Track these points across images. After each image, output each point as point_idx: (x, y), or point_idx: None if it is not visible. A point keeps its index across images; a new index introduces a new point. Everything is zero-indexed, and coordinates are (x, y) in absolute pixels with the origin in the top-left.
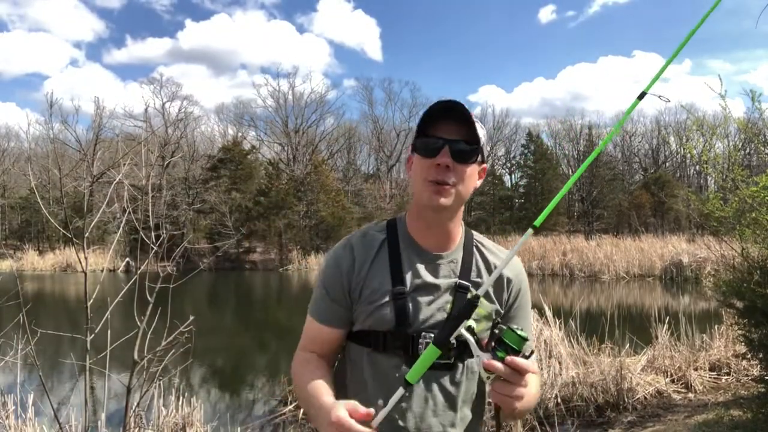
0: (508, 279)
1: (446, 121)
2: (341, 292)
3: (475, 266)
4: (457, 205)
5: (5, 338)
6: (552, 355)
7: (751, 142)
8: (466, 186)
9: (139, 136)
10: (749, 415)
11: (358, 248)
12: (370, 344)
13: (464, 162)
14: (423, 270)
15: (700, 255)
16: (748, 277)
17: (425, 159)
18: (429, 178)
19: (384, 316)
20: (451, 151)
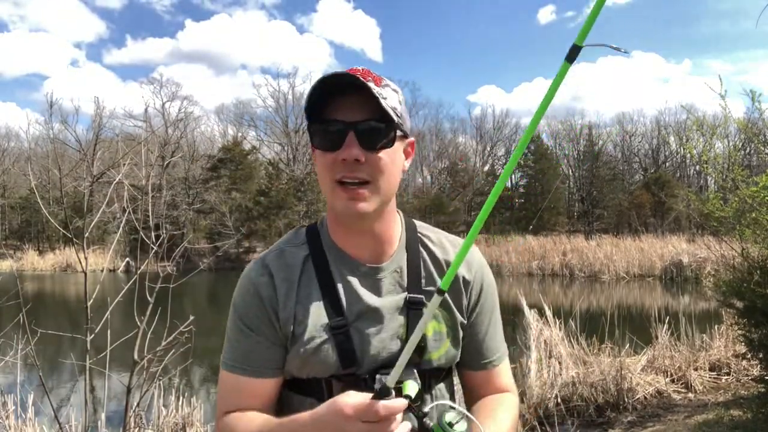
0: (465, 280)
1: (344, 98)
2: (269, 326)
3: (425, 269)
4: (383, 203)
5: (5, 338)
6: (552, 355)
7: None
8: (389, 177)
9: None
10: (749, 415)
11: (277, 272)
12: (312, 393)
13: (378, 147)
14: (362, 290)
15: (700, 255)
16: (748, 277)
17: (327, 153)
18: (336, 178)
19: (324, 359)
20: (357, 136)
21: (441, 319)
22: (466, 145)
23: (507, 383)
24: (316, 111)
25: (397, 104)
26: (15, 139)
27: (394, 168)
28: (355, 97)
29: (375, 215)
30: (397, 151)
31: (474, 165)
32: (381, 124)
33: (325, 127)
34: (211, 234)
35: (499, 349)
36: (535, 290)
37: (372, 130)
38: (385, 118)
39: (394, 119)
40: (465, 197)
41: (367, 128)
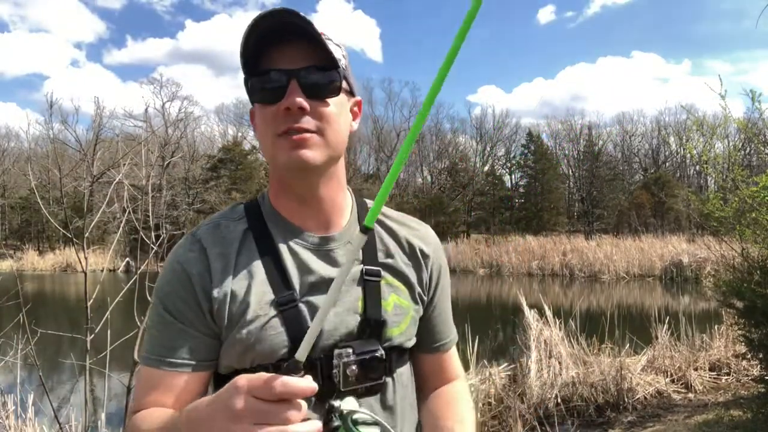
0: (424, 253)
1: (282, 46)
2: (197, 310)
3: (381, 243)
4: (331, 158)
5: (5, 338)
6: (552, 355)
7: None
8: (336, 128)
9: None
10: (749, 415)
11: (210, 246)
12: None
13: (324, 95)
14: (312, 261)
15: (700, 255)
16: (748, 277)
17: (268, 106)
18: (279, 131)
19: (272, 340)
20: (301, 85)
21: (402, 294)
22: (466, 145)
23: (457, 369)
24: (253, 62)
25: (341, 56)
26: (15, 139)
27: (341, 121)
28: (295, 44)
29: (322, 169)
30: (344, 103)
31: (474, 165)
32: (325, 72)
33: (265, 78)
34: None
35: (452, 332)
36: (535, 290)
37: (316, 77)
38: (330, 65)
39: (339, 66)
40: (465, 197)
41: (310, 75)
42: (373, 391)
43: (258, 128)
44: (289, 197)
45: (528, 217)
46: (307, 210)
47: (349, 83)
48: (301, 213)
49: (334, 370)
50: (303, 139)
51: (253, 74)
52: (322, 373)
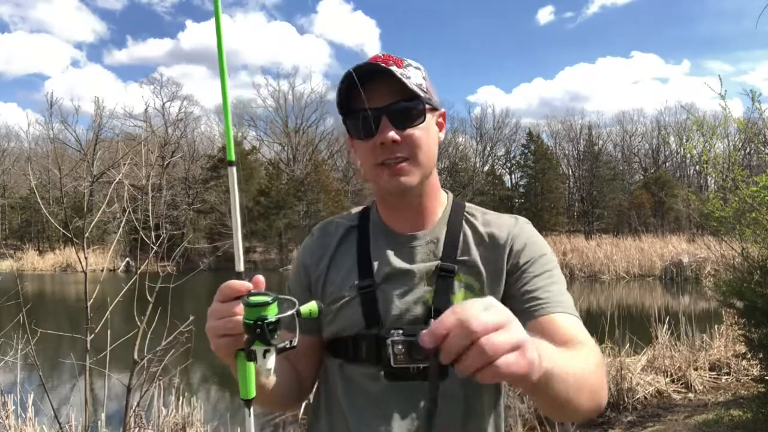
0: (499, 239)
1: (371, 84)
2: (302, 289)
3: (462, 242)
4: (424, 177)
5: (5, 338)
6: None
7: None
8: (427, 150)
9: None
10: (749, 415)
11: (318, 237)
12: (340, 354)
13: (412, 124)
14: (393, 256)
15: (700, 255)
16: (748, 277)
17: (365, 141)
18: (378, 162)
19: (351, 316)
20: (390, 119)
21: (473, 289)
22: (466, 145)
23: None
24: (347, 104)
25: (421, 80)
26: (15, 139)
27: (430, 140)
28: (382, 83)
29: (418, 188)
30: (429, 124)
31: (474, 165)
32: (409, 102)
33: (359, 116)
34: (211, 234)
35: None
36: None
37: (402, 110)
38: (413, 96)
39: (420, 95)
40: (465, 197)
41: (397, 109)
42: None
43: (359, 157)
44: (388, 207)
45: (528, 217)
46: (401, 215)
47: (431, 103)
48: (396, 217)
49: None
50: (400, 168)
51: (348, 114)
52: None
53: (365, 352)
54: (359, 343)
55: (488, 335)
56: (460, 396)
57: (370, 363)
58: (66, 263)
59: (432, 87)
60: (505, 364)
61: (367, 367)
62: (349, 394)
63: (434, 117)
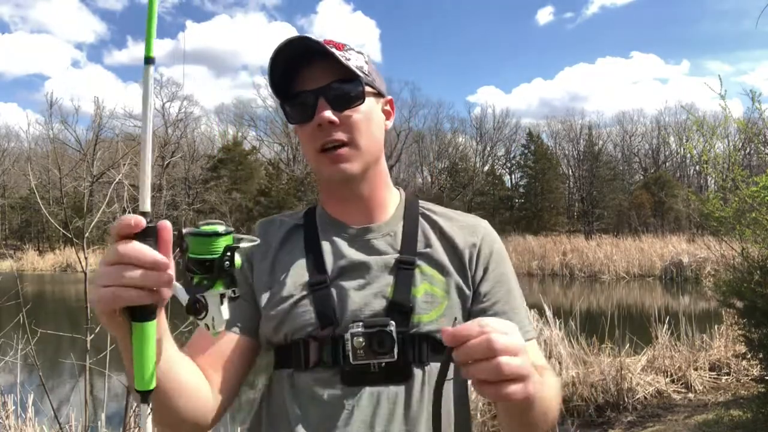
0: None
1: (307, 68)
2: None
3: (422, 235)
4: (367, 163)
5: (5, 338)
6: (552, 355)
7: (751, 142)
8: (368, 134)
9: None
10: (749, 415)
11: (260, 234)
12: (289, 362)
13: (350, 105)
14: (348, 249)
15: (700, 255)
16: (748, 277)
17: (304, 125)
18: (317, 147)
19: (301, 316)
20: (327, 100)
21: (436, 283)
22: (466, 145)
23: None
24: (280, 88)
25: (362, 63)
26: (15, 140)
27: (372, 125)
28: (318, 65)
29: (361, 176)
30: (372, 108)
31: (474, 165)
32: (348, 84)
33: (296, 101)
34: None
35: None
36: (535, 290)
37: (339, 91)
38: (351, 76)
39: (360, 76)
40: (465, 197)
41: (334, 90)
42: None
43: (302, 146)
44: (335, 199)
45: (528, 217)
46: (350, 207)
47: (375, 86)
48: (345, 210)
49: (346, 346)
50: (339, 154)
51: (286, 99)
52: (342, 353)
53: (318, 355)
54: (311, 347)
55: (508, 357)
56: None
57: (324, 367)
58: (66, 263)
59: (377, 73)
60: (512, 390)
61: (321, 372)
62: (299, 407)
63: (379, 103)
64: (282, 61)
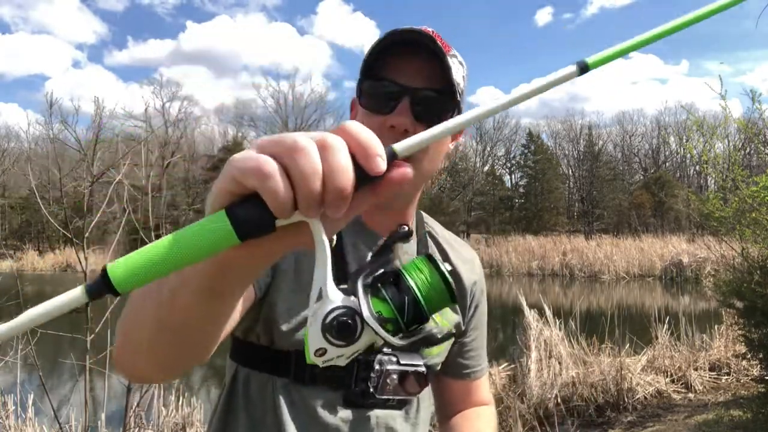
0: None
1: (408, 58)
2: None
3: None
4: (419, 187)
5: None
6: (552, 355)
7: (751, 142)
8: (434, 159)
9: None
10: (749, 415)
11: None
12: (287, 371)
13: (431, 121)
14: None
15: (700, 255)
16: (748, 277)
17: (374, 116)
18: None
19: None
20: (412, 104)
21: (446, 316)
22: (466, 145)
23: (486, 397)
24: (374, 68)
25: (461, 79)
26: (15, 140)
27: (441, 148)
28: (419, 61)
29: (410, 197)
30: None
31: (474, 165)
32: (441, 95)
33: (379, 85)
34: None
35: (484, 361)
36: (535, 290)
37: (430, 100)
38: (447, 89)
39: (456, 93)
40: (465, 197)
41: (424, 97)
42: (402, 404)
43: None
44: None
45: (528, 217)
46: (382, 218)
47: (460, 109)
48: (378, 219)
49: (373, 375)
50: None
51: (369, 77)
52: (357, 375)
53: (327, 374)
54: None
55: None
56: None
57: (328, 387)
58: (66, 263)
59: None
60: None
61: (325, 392)
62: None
63: None
64: (388, 43)
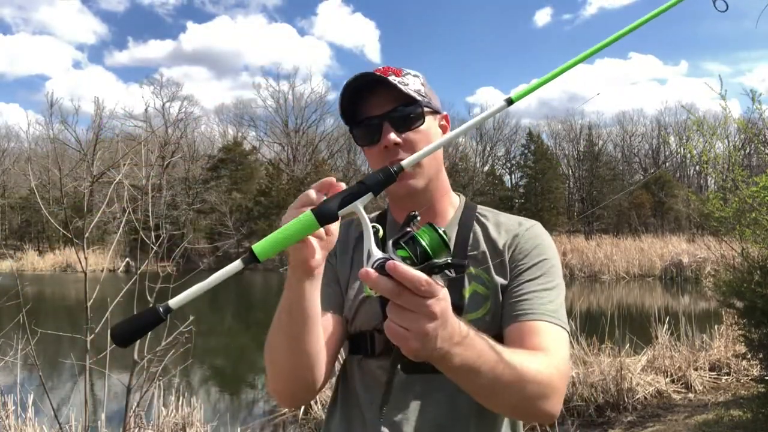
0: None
1: (372, 96)
2: (331, 271)
3: (473, 239)
4: (430, 179)
5: (5, 338)
6: None
7: (751, 142)
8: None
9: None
10: (749, 415)
11: (343, 230)
12: (360, 349)
13: (411, 126)
14: None
15: (700, 255)
16: (748, 277)
17: (371, 147)
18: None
19: (370, 310)
20: (391, 123)
21: (482, 281)
22: (466, 145)
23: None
24: (351, 114)
25: (419, 86)
26: (15, 140)
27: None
28: (382, 93)
29: (424, 189)
30: (430, 126)
31: (474, 165)
32: (408, 107)
33: (363, 126)
34: (211, 234)
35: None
36: None
37: (401, 115)
38: (410, 101)
39: (418, 99)
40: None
41: (396, 114)
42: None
43: (370, 164)
44: (400, 208)
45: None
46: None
47: (431, 106)
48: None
49: None
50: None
51: (354, 124)
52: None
53: (383, 345)
54: (376, 338)
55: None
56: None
57: (387, 356)
58: (66, 263)
59: (432, 92)
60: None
61: (384, 360)
62: (366, 387)
63: (436, 120)
64: (350, 92)
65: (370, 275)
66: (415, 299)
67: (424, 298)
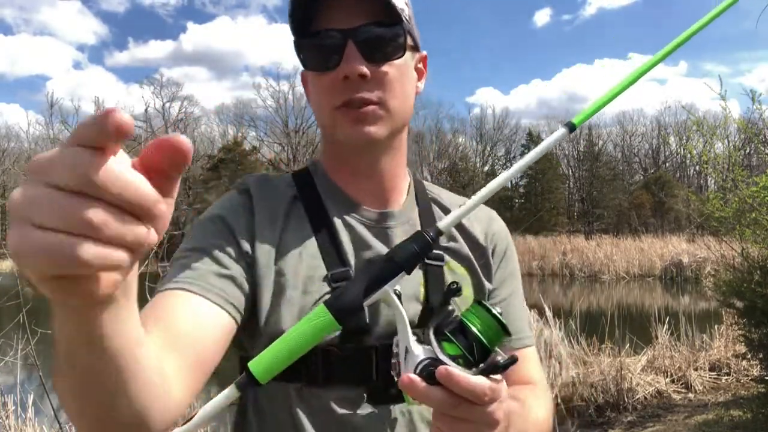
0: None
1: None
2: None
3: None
4: (395, 130)
5: (5, 338)
6: (552, 356)
7: (751, 142)
8: (402, 96)
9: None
10: (749, 415)
11: (258, 197)
12: (298, 376)
13: (386, 57)
14: (369, 237)
15: (700, 255)
16: (748, 277)
17: (323, 74)
18: (338, 103)
19: None
20: (359, 47)
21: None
22: (466, 145)
23: (536, 375)
24: (300, 20)
25: (404, 5)
26: (15, 140)
27: (407, 84)
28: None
29: (386, 144)
30: (408, 64)
31: (474, 165)
32: (387, 28)
33: (316, 41)
34: None
35: (524, 331)
36: (535, 290)
37: (376, 37)
38: (393, 20)
39: (403, 19)
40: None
41: (369, 35)
42: None
43: (312, 97)
44: (347, 170)
45: (528, 218)
46: (366, 183)
47: (413, 37)
48: (359, 186)
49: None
50: (365, 113)
51: (304, 35)
52: (377, 364)
53: (344, 370)
54: (333, 359)
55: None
56: None
57: (349, 384)
58: None
59: (414, 23)
60: None
61: (346, 390)
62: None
63: (414, 58)
64: None
65: (416, 386)
66: (475, 410)
67: (485, 405)
